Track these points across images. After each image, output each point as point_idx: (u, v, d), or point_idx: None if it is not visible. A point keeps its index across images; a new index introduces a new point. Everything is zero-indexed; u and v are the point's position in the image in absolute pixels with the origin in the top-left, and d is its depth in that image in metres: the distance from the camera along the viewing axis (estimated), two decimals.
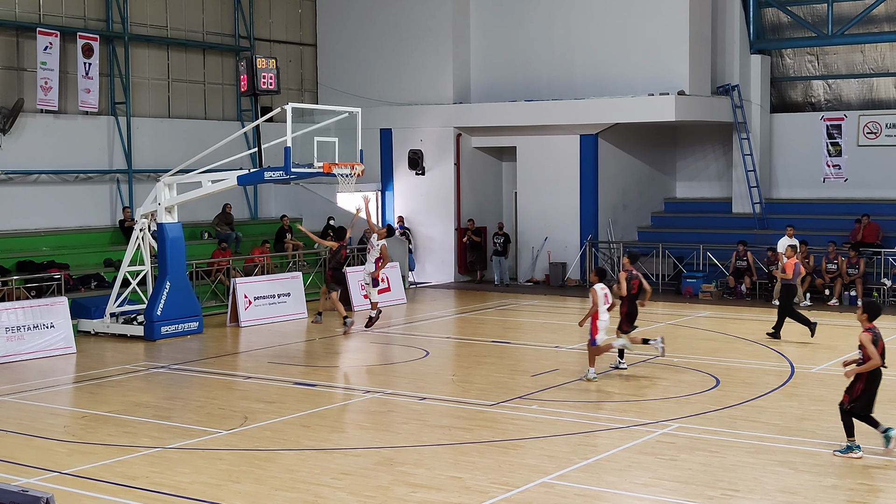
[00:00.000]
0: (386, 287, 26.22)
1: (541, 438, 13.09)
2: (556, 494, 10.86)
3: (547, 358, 18.77)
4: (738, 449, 12.50)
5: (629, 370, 17.39)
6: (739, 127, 29.27)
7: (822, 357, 18.45)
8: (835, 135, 29.40)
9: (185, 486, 11.18)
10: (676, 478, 11.39)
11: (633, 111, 28.05)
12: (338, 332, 21.99)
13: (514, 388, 15.99)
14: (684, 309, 24.84)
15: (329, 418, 14.49)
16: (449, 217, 30.75)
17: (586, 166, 29.28)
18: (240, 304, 22.91)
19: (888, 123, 28.64)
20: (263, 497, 10.84)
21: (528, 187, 30.12)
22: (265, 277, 24.38)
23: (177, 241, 21.53)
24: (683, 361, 18.08)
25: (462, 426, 13.78)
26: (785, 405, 14.84)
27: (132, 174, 26.73)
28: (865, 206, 27.67)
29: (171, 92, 28.48)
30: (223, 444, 12.95)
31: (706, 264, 28.04)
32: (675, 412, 14.35)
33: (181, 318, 21.46)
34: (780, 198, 30.19)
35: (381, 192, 31.89)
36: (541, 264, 30.09)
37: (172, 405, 15.40)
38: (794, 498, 10.64)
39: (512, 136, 30.19)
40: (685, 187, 32.20)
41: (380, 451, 12.58)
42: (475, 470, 11.73)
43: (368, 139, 27.78)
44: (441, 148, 30.71)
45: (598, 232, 29.42)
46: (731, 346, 19.97)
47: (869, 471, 11.54)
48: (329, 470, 11.81)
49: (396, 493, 10.93)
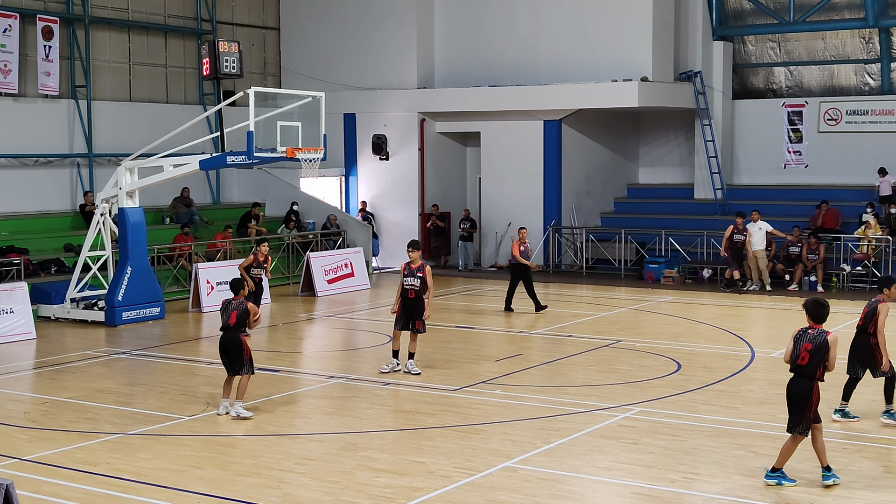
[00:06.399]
0: (349, 272, 26.22)
1: (504, 423, 13.14)
2: (519, 479, 10.91)
3: (510, 343, 18.82)
4: (700, 433, 12.62)
5: (592, 354, 17.48)
6: (702, 113, 29.43)
7: (782, 342, 18.59)
8: (796, 121, 29.64)
9: (146, 472, 11.13)
10: (638, 461, 11.47)
11: (597, 97, 28.13)
12: (301, 317, 21.94)
13: (477, 374, 16.03)
14: (646, 294, 25.00)
15: (292, 404, 14.47)
16: (413, 202, 30.72)
17: (550, 152, 29.34)
18: (202, 290, 22.79)
19: (848, 110, 28.92)
20: (226, 483, 10.80)
21: (492, 173, 30.14)
22: (228, 262, 24.23)
23: (138, 226, 21.36)
24: (645, 346, 18.20)
25: (426, 411, 13.81)
26: (745, 389, 14.99)
27: (93, 158, 26.47)
28: (825, 192, 27.93)
29: (132, 75, 28.21)
30: (185, 430, 12.90)
31: (668, 250, 28.21)
32: (636, 396, 14.45)
33: (143, 304, 21.32)
34: (742, 184, 30.41)
35: (345, 177, 31.80)
36: (504, 250, 30.11)
37: (134, 391, 15.31)
38: (755, 481, 10.76)
39: (476, 122, 30.19)
40: (648, 173, 32.35)
41: (343, 437, 12.57)
42: (438, 455, 11.76)
43: (332, 124, 27.68)
44: (405, 133, 30.65)
45: (561, 218, 29.51)
46: (692, 330, 20.13)
47: (829, 453, 11.66)
48: (292, 455, 11.80)
49: (360, 478, 10.94)
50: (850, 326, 20.19)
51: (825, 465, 10.61)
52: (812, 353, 10.44)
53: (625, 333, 19.49)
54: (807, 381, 10.48)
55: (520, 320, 21.14)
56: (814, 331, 10.57)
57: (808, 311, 10.70)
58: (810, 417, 10.49)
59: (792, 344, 10.68)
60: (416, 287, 15.61)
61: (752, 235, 25.33)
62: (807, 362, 10.48)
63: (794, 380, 10.64)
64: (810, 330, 10.60)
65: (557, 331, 19.88)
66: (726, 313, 22.36)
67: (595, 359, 17.28)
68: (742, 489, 10.50)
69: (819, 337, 10.48)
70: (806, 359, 10.48)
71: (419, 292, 15.64)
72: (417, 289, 15.63)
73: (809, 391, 10.46)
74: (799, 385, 10.53)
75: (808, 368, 10.47)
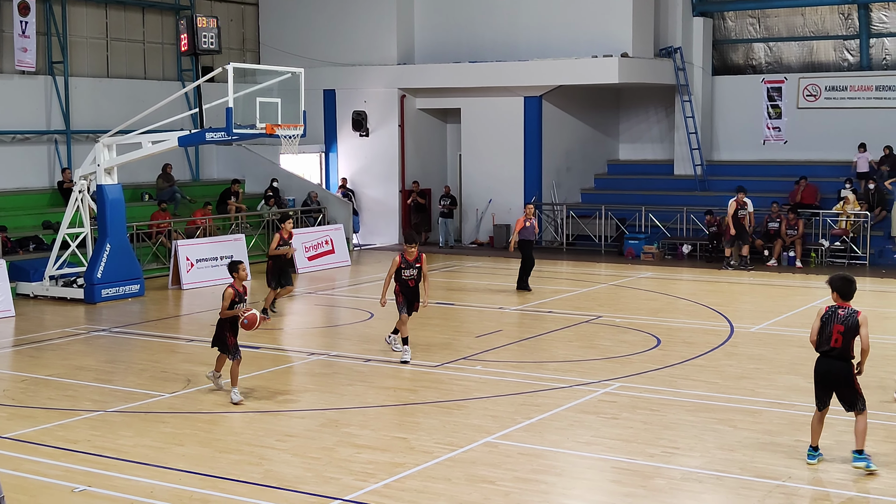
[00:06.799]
0: (330, 249, 26.18)
1: (484, 399, 13.18)
2: (500, 454, 10.96)
3: (491, 319, 18.86)
4: (679, 407, 12.69)
5: (572, 330, 17.54)
6: (682, 89, 29.46)
7: (761, 317, 18.74)
8: (775, 97, 29.71)
9: (127, 450, 11.12)
10: (618, 436, 11.54)
11: (577, 73, 28.11)
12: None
13: (458, 349, 16.07)
14: (626, 270, 25.08)
15: (273, 380, 14.46)
16: (393, 179, 30.67)
17: (530, 128, 29.33)
18: (182, 267, 22.71)
19: (827, 86, 29.00)
20: (207, 460, 10.81)
21: (472, 149, 30.11)
22: (208, 240, 24.17)
23: (117, 203, 21.25)
24: (625, 322, 18.27)
25: (406, 387, 13.83)
26: (724, 364, 15.08)
27: (70, 135, 26.28)
28: (804, 168, 28.05)
29: (109, 51, 27.98)
30: (166, 407, 12.88)
31: (648, 226, 28.29)
32: (616, 372, 14.51)
33: (122, 281, 21.24)
34: (722, 160, 30.49)
35: (325, 154, 31.70)
36: (485, 226, 30.16)
37: (114, 368, 15.27)
38: (734, 455, 10.84)
39: (456, 98, 30.12)
40: (628, 149, 32.38)
41: (325, 413, 12.59)
42: (420, 430, 11.80)
43: (311, 100, 27.57)
44: (385, 109, 30.55)
45: (542, 194, 29.53)
46: (672, 306, 20.22)
47: (806, 427, 11.76)
48: (274, 432, 11.80)
49: (341, 454, 10.96)
50: (829, 301, 20.37)
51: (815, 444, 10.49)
52: (845, 334, 10.09)
53: (605, 309, 19.56)
54: (843, 364, 10.15)
55: (500, 297, 21.17)
56: (844, 311, 10.19)
57: (837, 289, 10.29)
58: (861, 392, 10.22)
59: (819, 324, 10.28)
60: (415, 277, 15.44)
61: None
62: (841, 344, 10.11)
63: (827, 362, 10.26)
64: (840, 310, 10.20)
65: (538, 307, 19.93)
66: (706, 289, 22.46)
67: (575, 334, 17.34)
68: (721, 463, 10.58)
69: (851, 318, 10.12)
70: (840, 341, 10.11)
71: (418, 280, 15.49)
72: (416, 278, 15.45)
73: (850, 372, 10.16)
74: (836, 367, 10.19)
75: (843, 350, 10.12)
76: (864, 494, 9.67)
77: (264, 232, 26.89)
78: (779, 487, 9.86)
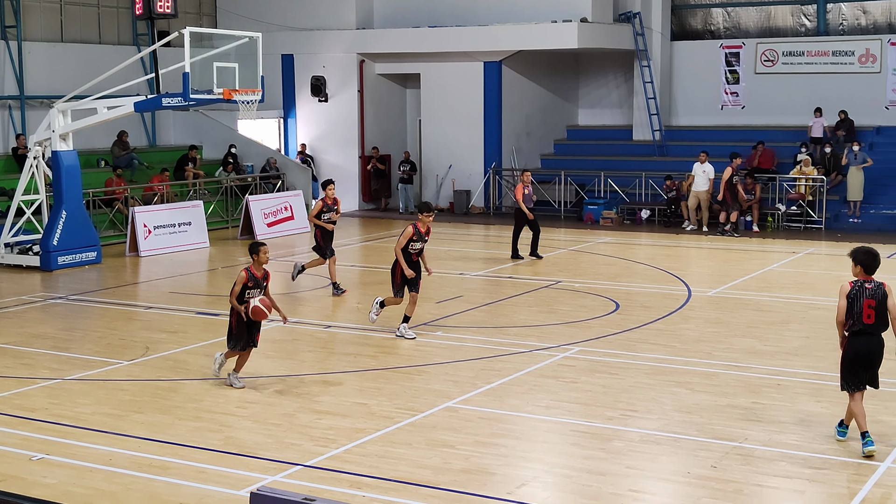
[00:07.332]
0: (289, 216, 26.06)
1: (445, 364, 13.23)
2: (460, 418, 11.01)
3: (451, 285, 18.87)
4: (637, 370, 12.81)
5: (532, 295, 17.62)
6: (640, 54, 29.50)
7: (718, 281, 18.91)
8: (733, 62, 29.85)
9: (85, 417, 11.06)
10: (577, 399, 11.63)
11: (537, 38, 28.06)
12: (241, 261, 21.82)
13: (418, 315, 16.05)
14: (585, 235, 25.18)
15: None
16: (353, 145, 30.53)
17: (490, 94, 29.27)
18: (139, 234, 22.52)
19: (785, 51, 29.17)
20: (167, 427, 10.77)
21: (432, 115, 30.02)
22: (165, 206, 23.96)
23: (72, 170, 20.99)
24: (584, 287, 18.37)
25: (367, 353, 13.84)
26: (682, 328, 15.22)
27: (25, 100, 25.88)
28: (762, 133, 28.25)
29: (63, 15, 27.53)
30: (125, 375, 12.81)
31: (607, 191, 28.40)
32: (576, 336, 14.61)
33: (78, 248, 21.02)
34: (680, 125, 30.62)
35: (284, 120, 31.47)
36: (445, 192, 30.13)
37: (71, 336, 15.15)
38: (691, 416, 10.96)
39: (416, 63, 29.97)
40: (587, 115, 32.43)
41: (285, 380, 12.57)
42: (380, 396, 11.82)
43: (269, 65, 27.30)
44: (344, 74, 30.35)
45: (501, 160, 29.53)
46: (630, 270, 20.35)
47: (762, 390, 11.94)
48: (234, 399, 11.78)
49: (302, 420, 10.96)
50: (787, 265, 20.62)
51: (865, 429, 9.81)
52: (877, 308, 9.64)
53: (564, 274, 19.65)
54: (878, 339, 9.75)
55: (461, 263, 21.19)
56: (871, 284, 9.71)
57: (861, 262, 9.81)
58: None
59: (846, 302, 9.74)
60: (419, 251, 14.44)
61: (697, 177, 25.65)
62: (874, 320, 9.67)
63: (865, 340, 9.76)
64: (867, 284, 9.71)
65: (498, 272, 19.98)
66: (664, 253, 22.63)
67: (535, 300, 17.41)
68: (678, 425, 10.69)
69: (879, 290, 9.66)
70: (872, 316, 9.66)
71: (420, 254, 14.58)
72: (420, 253, 14.49)
73: (883, 347, 9.80)
74: (875, 344, 9.76)
75: (878, 325, 9.70)
76: (820, 455, 9.82)
77: (223, 199, 26.71)
78: (735, 449, 9.99)
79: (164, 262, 21.62)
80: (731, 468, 9.50)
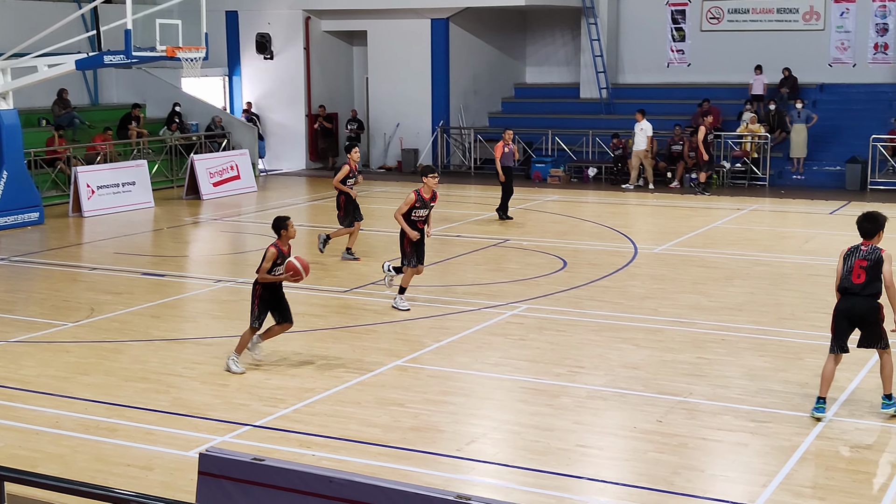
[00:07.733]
0: (235, 175, 25.83)
1: (394, 323, 13.25)
2: (409, 376, 11.06)
3: (399, 244, 18.82)
4: (584, 327, 12.93)
5: (480, 254, 17.66)
6: (587, 12, 29.48)
7: (664, 238, 19.09)
8: (679, 20, 29.94)
9: (31, 380, 10.94)
10: (525, 356, 11.72)
11: None
12: (186, 221, 21.63)
13: (367, 275, 16.08)
14: (533, 194, 25.25)
15: (179, 308, 14.32)
16: (299, 103, 30.28)
17: (438, 51, 29.13)
18: (82, 194, 22.21)
19: (730, 9, 29.31)
20: (113, 388, 10.70)
21: (379, 73, 29.82)
22: (109, 166, 23.63)
23: (12, 129, 20.61)
24: (532, 245, 18.46)
25: (316, 313, 13.82)
26: (629, 284, 15.36)
27: None
28: (707, 91, 28.39)
29: None
30: (70, 337, 12.68)
31: (555, 149, 28.47)
32: (523, 294, 14.69)
33: (20, 209, 20.70)
34: (626, 83, 30.71)
35: (229, 78, 31.10)
36: (393, 151, 30.03)
37: (15, 298, 14.95)
38: (637, 372, 11.10)
39: (362, 20, 29.72)
40: (535, 73, 32.41)
41: (233, 341, 12.48)
42: (329, 355, 11.83)
43: (213, 22, 26.87)
44: (290, 31, 30.02)
45: (449, 118, 29.46)
46: (577, 228, 20.47)
47: (707, 345, 12.11)
48: (180, 360, 11.72)
49: (250, 380, 10.94)
50: (732, 222, 20.85)
51: (824, 395, 9.74)
52: (868, 269, 9.54)
53: (512, 233, 19.72)
54: (867, 299, 9.59)
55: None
56: (867, 247, 9.66)
57: (858, 227, 9.80)
58: (884, 331, 9.68)
59: (841, 263, 9.73)
60: (424, 218, 13.75)
61: (636, 135, 25.77)
62: (863, 280, 9.56)
63: (849, 299, 9.67)
64: (863, 247, 9.68)
65: (446, 231, 19.99)
66: (610, 211, 22.79)
67: (483, 258, 17.47)
68: (624, 381, 10.82)
69: (873, 253, 9.59)
70: (862, 276, 9.56)
71: (425, 222, 13.85)
72: (425, 220, 13.80)
73: (876, 308, 9.63)
74: (859, 304, 9.61)
75: (866, 287, 9.57)
76: (763, 409, 10.00)
77: (167, 158, 26.40)
78: (680, 403, 10.14)
79: (109, 223, 21.36)
80: (676, 422, 9.64)
